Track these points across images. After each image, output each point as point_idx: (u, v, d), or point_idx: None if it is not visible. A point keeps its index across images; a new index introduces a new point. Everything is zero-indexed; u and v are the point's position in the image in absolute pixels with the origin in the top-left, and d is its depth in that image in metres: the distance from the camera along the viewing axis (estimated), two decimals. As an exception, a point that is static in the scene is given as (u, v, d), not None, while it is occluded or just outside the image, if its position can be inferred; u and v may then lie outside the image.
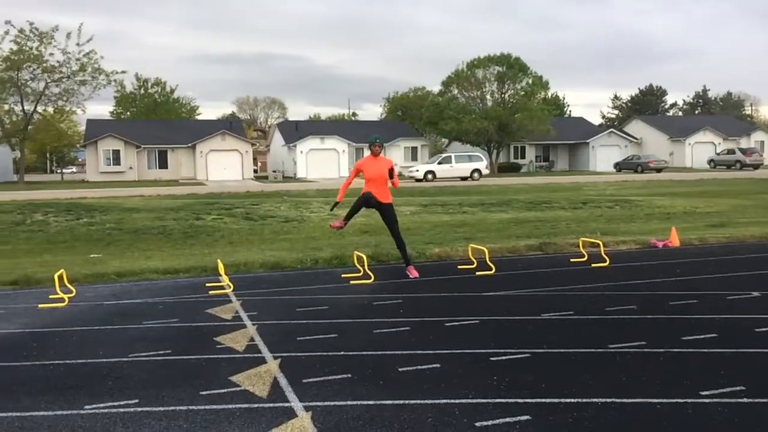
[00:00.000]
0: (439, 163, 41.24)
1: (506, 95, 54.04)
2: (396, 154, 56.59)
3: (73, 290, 8.02)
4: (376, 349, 5.55)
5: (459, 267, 9.39)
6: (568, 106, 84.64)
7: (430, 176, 39.73)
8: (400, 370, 5.01)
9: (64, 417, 4.19)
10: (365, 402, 4.36)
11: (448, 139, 60.06)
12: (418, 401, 4.35)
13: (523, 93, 53.48)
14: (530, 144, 59.34)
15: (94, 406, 4.37)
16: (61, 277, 7.91)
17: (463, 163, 41.10)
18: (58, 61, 43.10)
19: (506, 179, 40.14)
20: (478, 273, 8.90)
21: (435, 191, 28.48)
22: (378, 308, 7.11)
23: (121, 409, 4.30)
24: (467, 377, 4.81)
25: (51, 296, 7.76)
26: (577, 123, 66.37)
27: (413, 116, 65.88)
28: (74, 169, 78.29)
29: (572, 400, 4.32)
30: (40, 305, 7.49)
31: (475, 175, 40.25)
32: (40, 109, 45.64)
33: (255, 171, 56.00)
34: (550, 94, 63.75)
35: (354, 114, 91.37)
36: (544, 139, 56.92)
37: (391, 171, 8.58)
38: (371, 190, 8.51)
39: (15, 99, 43.80)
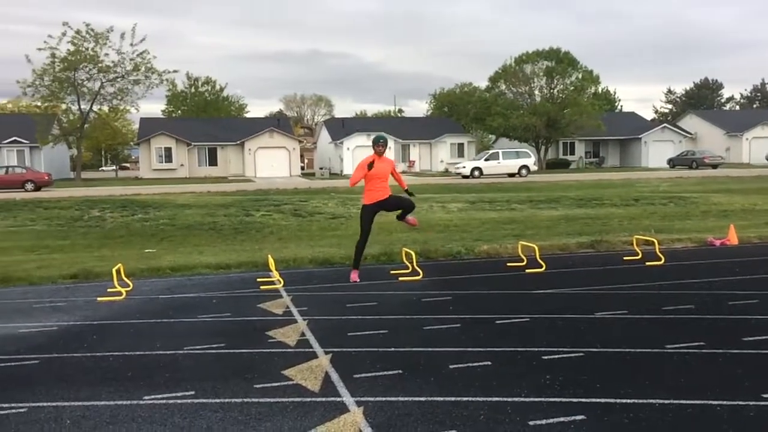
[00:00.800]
0: (486, 160, 40.84)
1: (555, 90, 53.19)
2: (442, 151, 56.39)
3: (130, 284, 8.24)
4: (426, 346, 5.54)
5: (508, 264, 9.30)
6: (620, 100, 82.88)
7: (476, 173, 39.37)
8: (450, 367, 4.99)
9: (124, 407, 4.31)
10: (417, 398, 4.35)
11: (495, 136, 59.52)
12: (470, 398, 4.33)
13: (572, 88, 52.56)
14: (580, 140, 58.31)
15: (153, 396, 4.48)
16: (118, 272, 8.15)
17: (510, 160, 40.62)
18: (112, 61, 44.28)
19: (555, 176, 39.53)
20: (528, 270, 8.80)
21: (482, 188, 28.25)
22: (427, 305, 7.10)
23: (179, 401, 4.40)
24: (519, 375, 4.76)
25: (109, 290, 7.99)
26: (628, 118, 64.90)
27: (459, 112, 65.49)
28: (114, 167, 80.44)
29: (629, 401, 4.23)
30: (99, 298, 7.72)
31: (523, 171, 39.73)
32: (95, 108, 46.98)
33: (302, 168, 56.55)
34: (600, 89, 62.45)
35: (400, 110, 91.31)
36: (595, 134, 55.87)
37: (393, 171, 8.62)
38: (370, 191, 8.46)
39: (72, 98, 45.17)
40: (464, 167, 40.42)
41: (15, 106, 67.39)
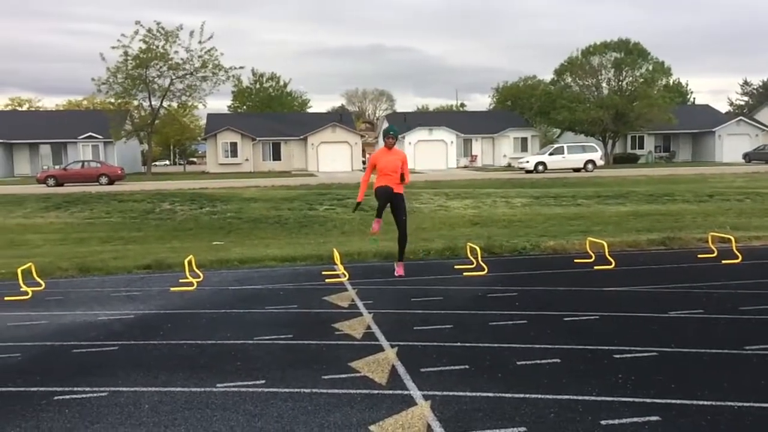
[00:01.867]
0: (551, 154, 40.05)
1: (624, 83, 51.65)
2: (505, 145, 55.67)
3: (201, 275, 8.49)
4: (493, 342, 5.49)
5: (576, 261, 9.12)
6: (692, 93, 79.75)
7: (540, 167, 38.66)
8: (518, 363, 4.93)
9: (199, 394, 4.45)
10: (484, 394, 4.32)
11: (560, 129, 58.32)
12: (539, 396, 4.27)
13: (642, 80, 50.90)
14: (649, 133, 56.48)
15: (225, 384, 4.61)
16: (190, 263, 8.40)
17: (576, 154, 39.67)
18: (182, 59, 45.59)
19: (623, 170, 38.42)
20: (596, 267, 8.60)
21: (546, 183, 27.74)
22: (493, 300, 7.03)
23: (250, 389, 4.51)
24: (590, 374, 4.66)
25: (181, 280, 8.25)
26: (701, 111, 62.42)
27: (523, 106, 64.44)
28: (166, 162, 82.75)
29: (706, 403, 4.08)
30: (171, 288, 7.99)
31: (589, 166, 38.75)
32: (165, 104, 48.49)
33: (363, 162, 56.84)
34: (672, 81, 60.27)
35: (462, 105, 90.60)
36: (665, 128, 53.97)
37: (404, 164, 8.38)
38: (384, 183, 8.28)
39: (143, 95, 46.78)
40: (528, 162, 39.76)
41: (90, 102, 70.27)
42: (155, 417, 4.06)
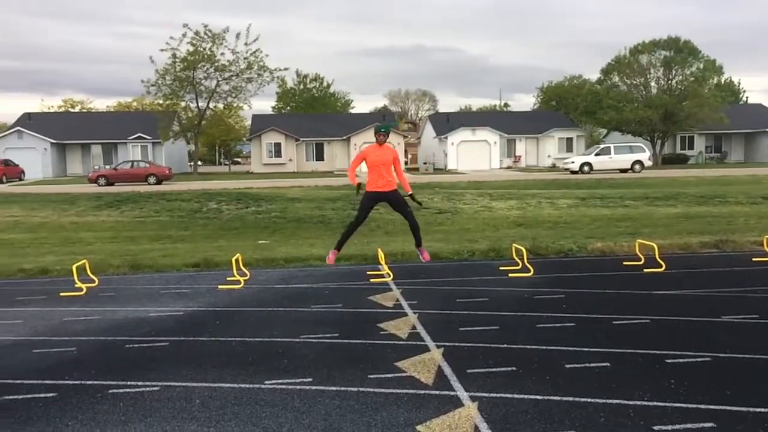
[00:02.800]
0: (597, 155, 39.32)
1: (673, 81, 50.38)
2: (549, 145, 54.94)
3: (248, 273, 8.61)
4: (541, 344, 5.43)
5: (625, 263, 8.94)
6: (744, 91, 77.24)
7: (586, 168, 37.99)
8: (567, 366, 4.86)
9: (247, 390, 4.52)
10: (533, 396, 4.28)
11: (606, 130, 57.26)
12: (589, 399, 4.20)
13: (692, 79, 49.55)
14: (699, 134, 54.96)
15: (273, 381, 4.66)
16: (237, 261, 8.53)
17: (623, 154, 38.87)
18: (228, 61, 46.27)
19: (672, 171, 37.50)
20: (646, 270, 8.42)
21: (592, 183, 27.27)
22: (539, 302, 6.95)
23: (297, 386, 4.56)
24: (641, 378, 4.57)
25: (229, 278, 8.39)
26: (754, 110, 60.44)
27: (568, 106, 63.44)
28: (200, 163, 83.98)
29: (762, 410, 3.97)
30: (219, 286, 8.12)
31: (637, 167, 37.90)
32: (211, 105, 49.31)
33: (405, 163, 56.84)
34: (723, 80, 58.55)
35: (506, 105, 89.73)
36: (716, 128, 52.44)
37: (395, 162, 8.20)
38: (375, 184, 8.16)
39: (191, 96, 47.62)
40: (573, 162, 39.13)
41: (139, 104, 72.00)
42: (206, 412, 4.14)
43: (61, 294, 7.82)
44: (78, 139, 52.31)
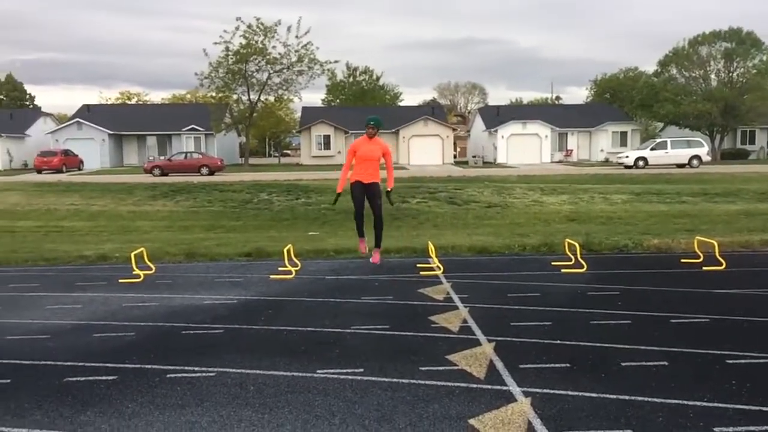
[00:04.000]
0: (652, 149, 38.32)
1: (734, 74, 48.66)
2: (602, 139, 53.82)
3: (299, 264, 8.71)
4: (595, 341, 5.33)
5: (683, 260, 8.69)
6: (810, 84, 74.02)
7: (641, 163, 37.09)
8: (622, 364, 4.76)
9: (300, 378, 4.57)
10: (587, 394, 4.20)
11: (662, 123, 55.71)
12: (646, 398, 4.11)
13: (755, 71, 47.78)
14: (761, 128, 52.98)
15: (326, 371, 4.71)
16: (289, 252, 8.64)
17: (680, 149, 37.79)
18: (279, 53, 46.80)
19: (732, 167, 36.27)
20: (705, 268, 8.17)
21: (648, 179, 26.61)
22: (593, 298, 6.82)
23: (350, 377, 4.59)
24: (700, 378, 4.44)
25: (280, 268, 8.50)
26: (820, 104, 57.87)
27: (623, 99, 61.96)
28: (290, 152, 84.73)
29: (833, 417, 3.80)
30: (271, 276, 8.24)
31: (694, 162, 36.81)
32: (263, 98, 49.98)
33: (454, 156, 56.52)
34: (787, 72, 56.16)
35: (557, 98, 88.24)
36: (779, 122, 50.48)
37: (386, 156, 8.00)
38: (360, 176, 7.98)
39: (243, 89, 48.40)
40: (627, 157, 38.26)
41: (193, 96, 73.47)
42: (260, 399, 4.21)
43: (120, 280, 8.06)
44: (134, 131, 53.78)
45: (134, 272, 8.18)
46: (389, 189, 8.22)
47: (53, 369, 4.83)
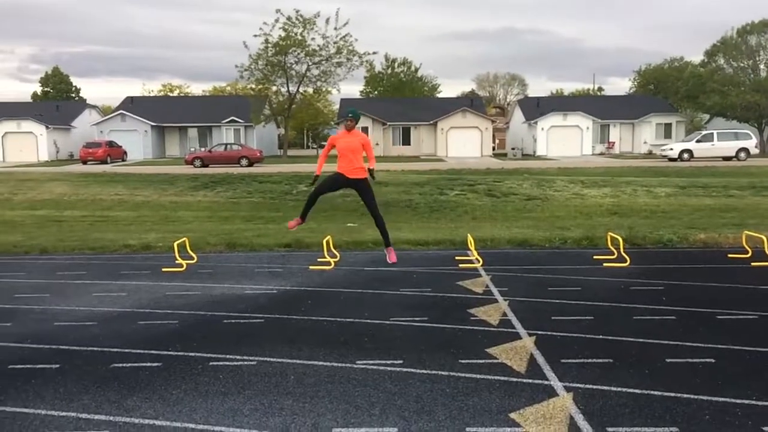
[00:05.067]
0: (698, 141, 37.31)
1: (785, 64, 47.05)
2: (646, 131, 52.67)
3: (338, 255, 8.74)
4: (638, 336, 5.23)
5: (730, 255, 8.46)
6: None
7: (686, 155, 36.16)
8: (667, 360, 4.66)
9: (340, 369, 4.59)
10: (631, 390, 4.13)
11: (709, 115, 54.24)
12: (692, 396, 4.01)
13: (807, 61, 46.14)
14: (813, 120, 51.19)
15: (365, 361, 4.72)
16: (328, 243, 8.68)
17: (727, 142, 36.68)
18: (318, 45, 46.89)
19: (780, 160, 35.15)
20: (753, 263, 7.93)
21: (693, 172, 25.93)
22: (637, 293, 6.69)
23: (389, 368, 4.59)
24: (749, 377, 4.32)
25: (319, 259, 8.55)
26: None
27: (667, 90, 60.47)
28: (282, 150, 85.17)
29: None
30: (310, 267, 8.30)
31: (742, 154, 35.70)
32: (301, 89, 50.20)
33: (493, 148, 56.00)
34: (842, 61, 54.04)
35: (599, 89, 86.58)
36: (832, 114, 48.67)
37: (366, 147, 7.87)
38: (342, 166, 7.88)
39: (282, 81, 48.61)
40: (671, 149, 37.32)
41: (233, 88, 74.26)
42: (300, 388, 4.24)
43: (163, 269, 8.21)
44: (175, 122, 54.65)
45: (177, 261, 8.33)
46: (372, 167, 8.22)
47: (100, 355, 4.95)
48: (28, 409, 3.96)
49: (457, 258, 8.64)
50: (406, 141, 55.92)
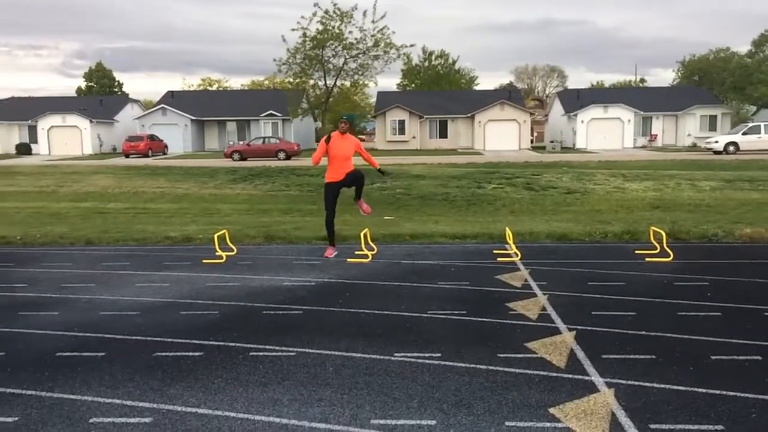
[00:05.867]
0: (744, 134, 36.33)
1: (837, 53, 45.41)
2: (690, 124, 51.46)
3: (375, 248, 8.76)
4: (682, 333, 5.12)
5: (778, 251, 8.23)
6: None
7: (731, 148, 35.26)
8: (712, 357, 4.56)
9: (378, 361, 4.61)
10: (674, 387, 4.05)
11: (755, 107, 52.70)
12: (738, 394, 3.92)
13: None
14: None
15: (402, 354, 4.73)
16: (365, 236, 8.70)
17: (774, 134, 35.68)
18: (355, 38, 46.94)
19: (831, 153, 33.98)
20: (803, 259, 7.70)
21: (739, 165, 25.26)
22: (680, 289, 6.55)
23: (426, 361, 4.59)
24: (799, 376, 4.19)
25: (357, 252, 8.58)
26: None
27: (713, 81, 58.89)
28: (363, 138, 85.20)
29: None
30: (348, 259, 8.33)
31: (790, 147, 34.70)
32: (339, 83, 50.37)
33: (531, 141, 55.38)
34: None
35: (641, 80, 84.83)
36: None
37: (359, 150, 8.15)
38: (332, 175, 8.02)
39: (319, 74, 48.89)
40: (717, 142, 36.44)
41: (271, 82, 74.91)
42: (339, 379, 4.27)
43: (204, 261, 8.34)
44: (215, 116, 55.41)
45: (217, 253, 8.45)
46: (378, 168, 8.48)
47: (143, 344, 5.06)
48: (76, 396, 4.07)
49: (495, 251, 8.58)
50: (443, 134, 55.70)
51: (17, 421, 3.74)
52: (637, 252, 8.31)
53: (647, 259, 7.92)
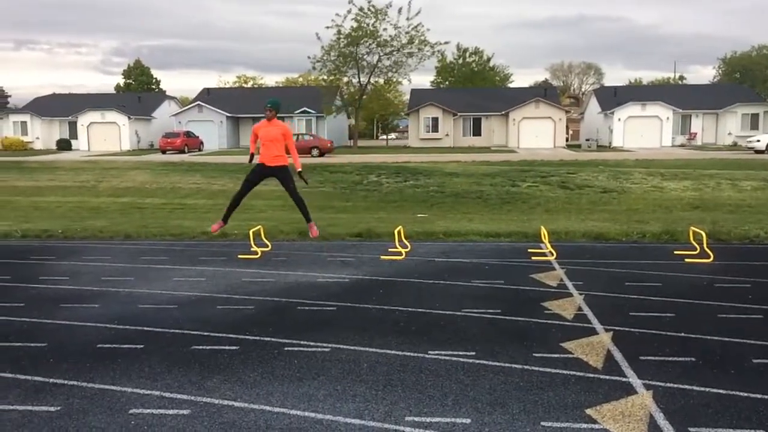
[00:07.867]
0: (787, 132, 35.40)
1: None
2: (730, 122, 50.25)
3: (409, 245, 8.76)
4: (723, 335, 5.01)
5: (823, 253, 8.00)
6: None
7: (773, 147, 34.37)
8: (754, 361, 4.45)
9: (412, 358, 4.61)
10: (715, 390, 3.97)
11: (799, 105, 51.24)
12: (782, 400, 3.82)
13: None
14: None
15: (437, 352, 4.72)
16: (399, 233, 8.71)
17: (819, 133, 34.66)
18: (390, 36, 46.95)
19: None
20: None
21: (781, 164, 24.60)
22: (721, 291, 6.41)
23: (461, 359, 4.57)
24: None
25: (390, 249, 8.59)
26: None
27: (755, 78, 57.54)
28: (394, 136, 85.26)
29: None
30: (381, 257, 8.34)
31: (835, 146, 33.66)
32: (372, 80, 50.42)
33: (566, 139, 54.69)
34: None
35: (681, 77, 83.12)
36: None
37: (286, 138, 8.04)
38: (263, 155, 8.08)
39: (353, 72, 49.03)
40: (759, 141, 35.53)
41: (305, 79, 75.34)
42: (373, 376, 4.28)
43: (239, 256, 8.44)
44: (249, 113, 55.89)
45: (252, 249, 8.54)
46: (299, 170, 8.46)
47: (181, 337, 5.15)
48: (116, 387, 4.15)
49: (529, 250, 8.50)
50: (477, 132, 55.35)
51: (60, 410, 3.83)
52: (676, 253, 8.16)
53: (686, 260, 7.77)
